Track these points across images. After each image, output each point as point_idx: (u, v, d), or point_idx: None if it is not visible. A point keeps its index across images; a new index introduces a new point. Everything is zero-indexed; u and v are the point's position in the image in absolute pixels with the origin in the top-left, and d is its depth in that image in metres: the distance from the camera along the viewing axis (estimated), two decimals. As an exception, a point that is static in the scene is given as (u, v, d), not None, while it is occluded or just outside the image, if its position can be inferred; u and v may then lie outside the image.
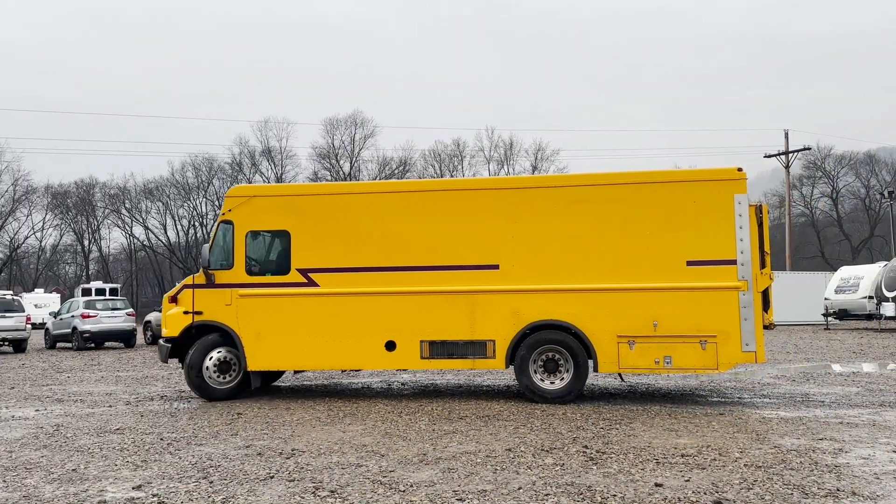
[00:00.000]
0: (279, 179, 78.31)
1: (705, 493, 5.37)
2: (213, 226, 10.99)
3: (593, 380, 12.65)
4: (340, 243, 10.37)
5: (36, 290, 54.89)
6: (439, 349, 10.09)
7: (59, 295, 51.94)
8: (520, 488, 5.58)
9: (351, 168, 78.24)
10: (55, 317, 26.72)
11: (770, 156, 46.65)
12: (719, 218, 9.69)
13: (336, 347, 10.23)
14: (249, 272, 10.51)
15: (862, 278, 32.34)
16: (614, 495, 5.35)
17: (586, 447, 7.02)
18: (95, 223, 75.04)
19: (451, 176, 73.64)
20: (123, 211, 73.46)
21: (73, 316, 24.97)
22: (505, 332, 9.95)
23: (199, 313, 10.52)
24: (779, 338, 24.36)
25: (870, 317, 30.32)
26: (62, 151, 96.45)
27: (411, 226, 10.30)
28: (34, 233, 71.29)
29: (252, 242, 10.67)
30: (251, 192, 10.88)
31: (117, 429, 8.43)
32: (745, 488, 5.50)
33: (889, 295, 30.19)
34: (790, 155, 45.95)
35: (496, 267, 10.06)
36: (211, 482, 5.90)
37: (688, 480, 5.75)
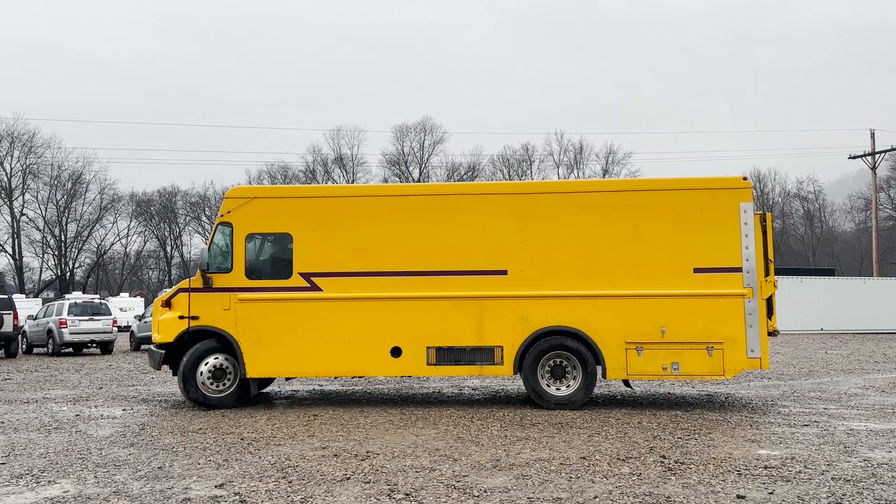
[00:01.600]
0: (350, 186, 79.18)
1: (791, 507, 5.18)
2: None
3: (670, 388, 12.37)
4: (345, 247, 10.18)
5: (121, 294, 57.41)
6: (446, 355, 9.97)
7: (143, 299, 54.20)
8: (595, 497, 5.50)
9: (420, 174, 78.91)
10: (140, 320, 27.84)
11: (855, 157, 44.72)
12: (725, 226, 9.78)
13: (340, 353, 10.03)
14: (249, 276, 10.24)
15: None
16: (694, 506, 5.21)
17: (664, 457, 6.86)
18: (177, 230, 78.02)
19: (521, 180, 73.37)
20: (203, 218, 76.12)
21: None
22: (513, 338, 9.88)
23: (196, 318, 10.18)
24: (866, 346, 23.26)
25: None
26: (146, 161, 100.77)
27: (418, 230, 10.17)
28: (119, 239, 74.54)
29: (252, 245, 10.44)
30: (251, 193, 10.70)
31: (200, 428, 8.72)
32: (834, 502, 5.28)
33: None
34: (877, 156, 43.91)
35: (504, 272, 9.99)
36: (290, 482, 6.04)
37: (772, 493, 5.55)
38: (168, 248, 78.73)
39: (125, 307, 47.09)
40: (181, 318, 10.26)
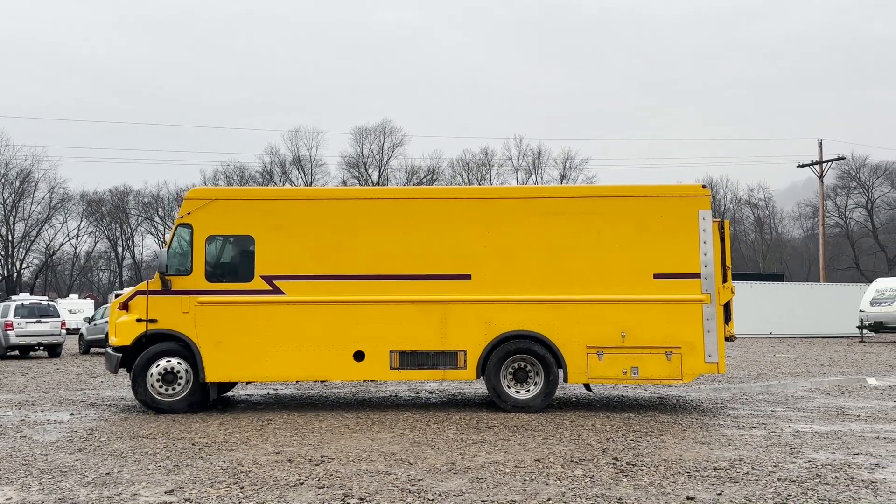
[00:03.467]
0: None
1: (738, 508, 5.29)
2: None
3: (624, 391, 12.55)
4: (308, 250, 10.09)
5: (70, 295, 55.92)
6: (409, 359, 9.94)
7: (92, 301, 52.85)
8: (549, 499, 5.55)
9: (380, 177, 78.65)
10: (89, 322, 27.20)
11: (803, 165, 45.99)
12: (684, 233, 9.97)
13: (302, 357, 9.93)
14: (210, 278, 10.06)
15: (898, 290, 31.63)
16: (645, 508, 5.30)
17: (616, 459, 6.96)
18: (129, 230, 76.39)
19: (480, 184, 73.73)
20: (156, 218, 74.71)
21: (106, 322, 25.41)
22: (476, 342, 9.92)
23: (154, 321, 9.94)
24: (812, 350, 23.93)
25: (906, 330, 29.64)
26: (97, 160, 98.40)
27: (382, 234, 10.13)
28: (69, 240, 72.70)
29: (213, 247, 10.25)
30: (212, 195, 10.54)
31: (150, 434, 8.54)
32: (779, 503, 5.41)
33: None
34: (824, 165, 45.25)
35: (468, 277, 10.03)
36: (242, 488, 5.96)
37: (720, 494, 5.67)
38: (119, 249, 77.03)
39: (74, 309, 45.84)
40: (139, 320, 10.03)
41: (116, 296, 45.21)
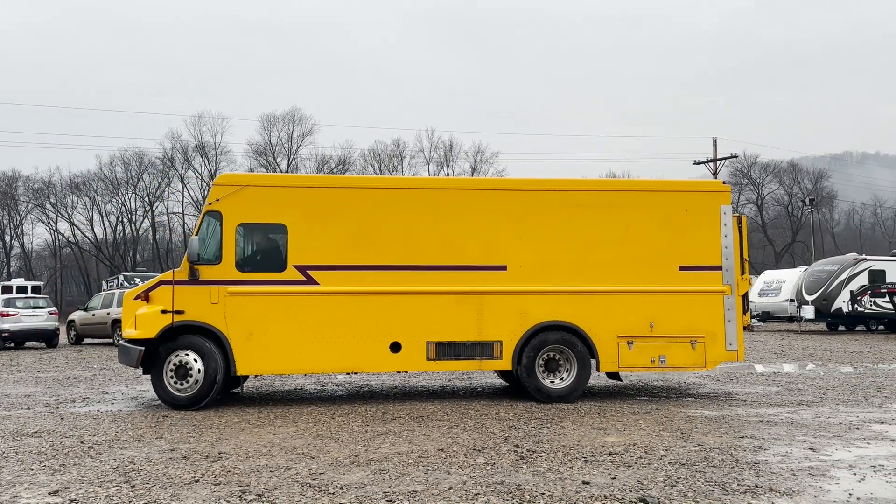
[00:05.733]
0: (212, 175, 76.61)
1: (631, 491, 5.48)
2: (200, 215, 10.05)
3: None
4: (342, 240, 9.88)
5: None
6: (446, 350, 9.90)
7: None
8: (450, 488, 5.59)
9: (288, 166, 77.11)
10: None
11: (699, 163, 48.14)
12: (707, 226, 10.41)
13: (337, 349, 9.71)
14: (240, 268, 9.70)
15: (784, 282, 33.69)
16: (542, 493, 5.41)
17: (517, 446, 7.08)
18: (18, 218, 71.91)
19: (391, 175, 73.47)
20: (48, 206, 70.62)
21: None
22: (512, 332, 9.98)
23: (180, 312, 9.50)
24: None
25: (791, 319, 31.61)
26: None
27: (418, 223, 10.05)
28: (-50, 227, 67.85)
29: (243, 236, 9.89)
30: (243, 181, 10.05)
31: (35, 432, 8.08)
32: (669, 485, 5.65)
33: (809, 298, 31.53)
34: (718, 162, 47.52)
35: (504, 268, 10.09)
36: (133, 486, 5.71)
37: (614, 478, 5.86)
38: (7, 238, 72.41)
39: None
40: (164, 312, 9.50)
41: (3, 287, 42.76)
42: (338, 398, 10.69)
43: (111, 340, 24.52)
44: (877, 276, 31.14)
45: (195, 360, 9.54)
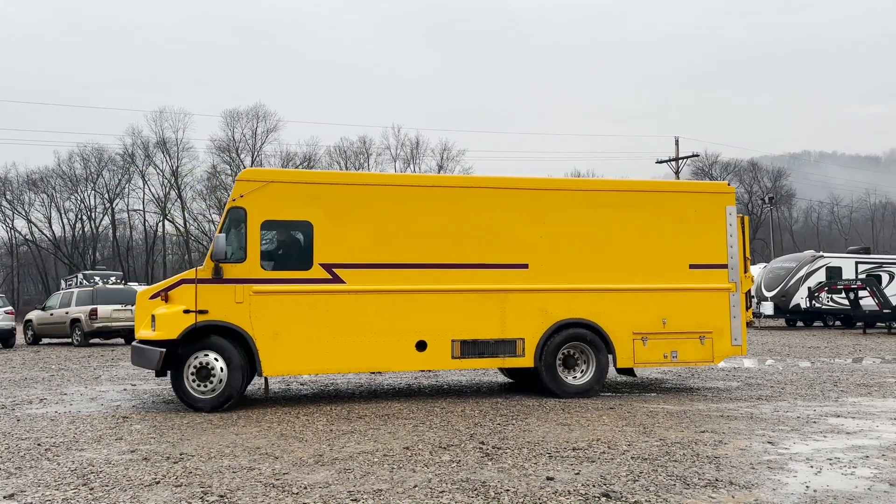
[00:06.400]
0: (174, 172, 75.54)
1: (594, 486, 5.54)
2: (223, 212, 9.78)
3: (484, 376, 12.85)
4: (368, 237, 9.75)
5: None
6: (470, 348, 9.91)
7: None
8: (415, 486, 5.58)
9: (252, 162, 76.24)
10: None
11: (661, 161, 48.77)
12: (714, 226, 10.81)
13: (363, 348, 9.58)
14: (265, 266, 9.46)
15: (744, 279, 34.26)
16: (507, 490, 5.44)
17: (483, 443, 7.10)
18: (-29, 215, 70.03)
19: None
20: (4, 203, 68.81)
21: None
22: (534, 330, 10.08)
23: (204, 312, 9.16)
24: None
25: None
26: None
27: (442, 221, 10.01)
28: None
29: (268, 233, 9.67)
30: (268, 177, 9.77)
31: (-12, 435, 7.87)
32: (632, 480, 5.71)
33: (768, 295, 32.19)
34: (680, 161, 48.20)
35: (525, 266, 10.17)
36: (91, 489, 5.60)
37: (578, 473, 5.91)
38: (-39, 236, 70.45)
39: None
40: (187, 312, 9.16)
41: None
42: (302, 397, 10.61)
43: (69, 340, 24.02)
44: (833, 273, 31.92)
45: (217, 361, 9.24)
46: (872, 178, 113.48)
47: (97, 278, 27.34)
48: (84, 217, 72.84)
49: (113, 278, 29.24)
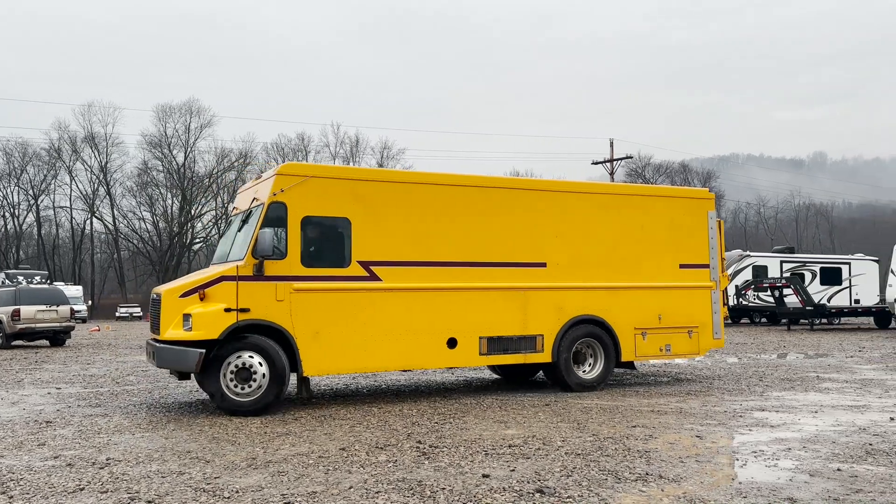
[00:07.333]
0: (103, 168, 73.11)
1: (528, 482, 5.60)
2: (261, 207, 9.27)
3: (422, 376, 12.86)
4: (403, 235, 9.73)
5: None
6: (496, 345, 10.09)
7: None
8: (350, 487, 5.53)
9: (185, 158, 74.42)
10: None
11: (597, 163, 49.70)
12: (699, 229, 11.69)
13: (398, 346, 9.54)
14: (305, 263, 9.19)
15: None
16: (443, 488, 5.44)
17: (420, 442, 7.10)
18: None
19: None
20: (-84, 198, 65.44)
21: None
22: (551, 326, 10.43)
23: (245, 310, 8.80)
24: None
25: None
26: None
27: (471, 220, 10.14)
28: None
29: (308, 229, 9.35)
30: (307, 172, 9.53)
31: None
32: (565, 475, 5.80)
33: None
34: (615, 162, 49.21)
35: (544, 265, 10.52)
36: (11, 497, 5.35)
37: (513, 470, 5.97)
38: None
39: None
40: (228, 310, 8.73)
41: None
42: (237, 399, 10.39)
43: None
44: (760, 272, 33.11)
45: (257, 361, 8.84)
46: (795, 181, 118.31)
47: (20, 278, 26.24)
48: (7, 214, 69.86)
49: (37, 278, 28.12)
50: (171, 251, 73.86)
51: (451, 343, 9.89)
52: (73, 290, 45.72)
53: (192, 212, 74.93)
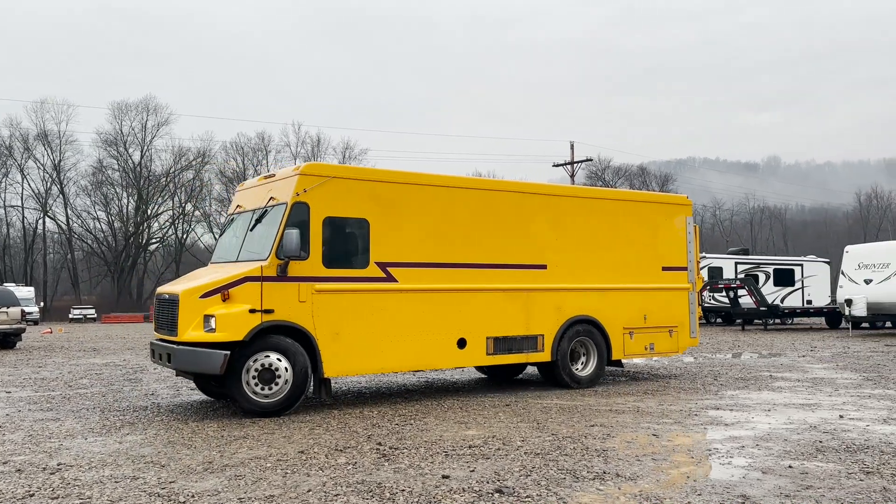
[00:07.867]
0: (56, 166, 71.39)
1: (488, 482, 5.62)
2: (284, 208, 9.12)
3: (393, 378, 12.82)
4: (417, 236, 9.84)
5: None
6: (502, 345, 10.36)
7: None
8: (309, 490, 5.49)
9: (142, 157, 73.14)
10: None
11: (558, 165, 50.15)
12: (678, 233, 12.28)
13: (413, 347, 9.64)
14: (327, 264, 9.15)
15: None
16: (403, 490, 5.43)
17: (380, 444, 7.07)
18: None
19: (256, 170, 71.48)
20: None
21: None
22: (551, 326, 10.79)
23: (270, 311, 8.72)
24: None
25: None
26: None
27: (480, 223, 10.37)
28: None
29: (330, 230, 9.29)
30: (329, 172, 9.46)
31: None
32: (524, 475, 5.84)
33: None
34: (575, 165, 49.71)
35: (544, 267, 10.86)
36: (-46, 507, 5.19)
37: (473, 471, 5.98)
38: None
39: None
40: (252, 311, 8.61)
41: None
42: (193, 402, 10.24)
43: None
44: (715, 273, 33.73)
45: (281, 363, 8.76)
46: (750, 184, 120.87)
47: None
48: (-47, 213, 67.69)
49: (-14, 279, 27.27)
50: (126, 252, 72.38)
51: (461, 343, 10.07)
52: (25, 292, 44.56)
53: (149, 211, 73.56)
